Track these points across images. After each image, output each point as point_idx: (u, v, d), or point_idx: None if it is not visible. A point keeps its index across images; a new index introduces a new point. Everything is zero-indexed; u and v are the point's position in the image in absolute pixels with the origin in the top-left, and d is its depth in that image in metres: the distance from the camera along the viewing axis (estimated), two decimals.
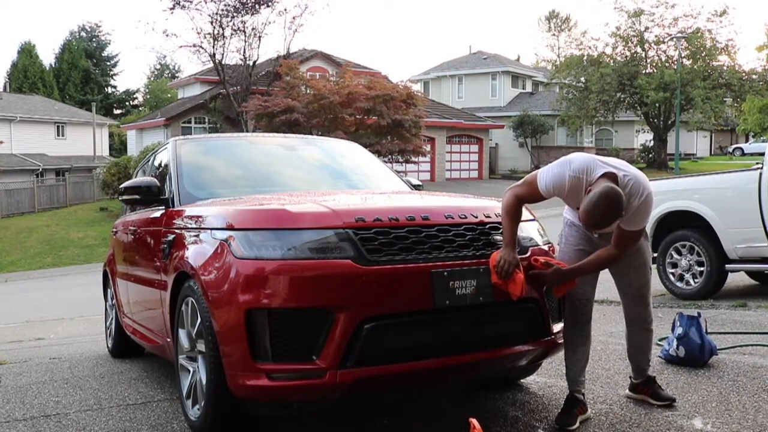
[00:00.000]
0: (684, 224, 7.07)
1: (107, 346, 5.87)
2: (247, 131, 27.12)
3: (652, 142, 35.88)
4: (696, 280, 7.01)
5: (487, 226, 3.22)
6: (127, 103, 63.35)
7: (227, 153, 4.64)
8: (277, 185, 4.18)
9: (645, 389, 3.53)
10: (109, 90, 61.41)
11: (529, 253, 3.27)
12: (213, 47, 29.30)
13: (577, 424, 3.20)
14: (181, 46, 40.66)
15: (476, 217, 3.21)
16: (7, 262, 21.55)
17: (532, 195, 3.20)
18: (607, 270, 3.40)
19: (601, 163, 3.11)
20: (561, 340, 3.41)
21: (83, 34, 61.48)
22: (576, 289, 3.30)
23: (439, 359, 2.95)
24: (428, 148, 31.90)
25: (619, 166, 3.15)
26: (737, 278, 8.06)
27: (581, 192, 3.07)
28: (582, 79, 35.77)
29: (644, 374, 3.55)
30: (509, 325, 3.20)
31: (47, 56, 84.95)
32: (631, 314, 3.49)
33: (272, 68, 29.68)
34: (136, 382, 4.51)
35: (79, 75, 56.21)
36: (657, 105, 33.46)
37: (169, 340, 3.69)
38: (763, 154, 6.65)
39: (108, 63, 62.03)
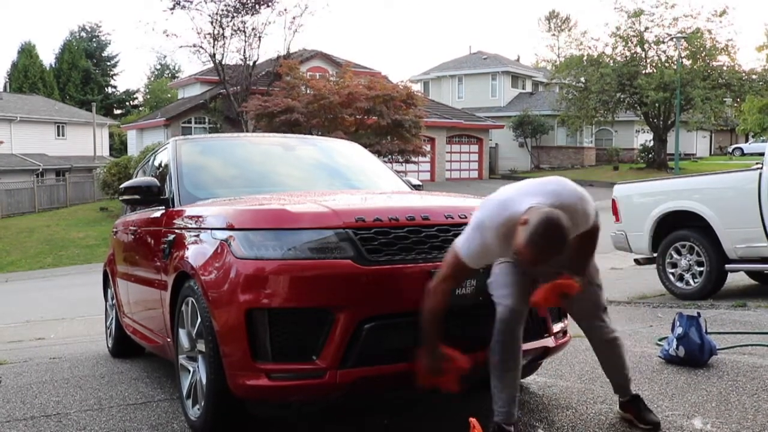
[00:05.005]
0: (684, 224, 7.07)
1: (107, 346, 5.87)
2: (247, 131, 27.11)
3: (652, 142, 35.84)
4: (696, 280, 7.01)
5: None
6: (127, 103, 63.37)
7: (227, 153, 4.64)
8: (277, 185, 4.19)
9: (630, 408, 3.17)
10: (109, 90, 61.44)
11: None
12: (213, 47, 29.33)
13: None
14: (181, 46, 40.84)
15: None
16: (7, 262, 21.53)
17: (461, 272, 2.79)
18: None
19: (522, 196, 2.72)
20: (561, 340, 3.41)
21: (83, 34, 61.52)
22: (505, 300, 2.86)
23: None
24: (428, 148, 31.91)
25: (541, 192, 2.72)
26: (737, 278, 8.07)
27: (513, 234, 2.62)
28: (582, 79, 35.72)
29: (627, 391, 3.19)
30: None
31: (47, 56, 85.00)
32: (590, 324, 3.11)
33: (272, 68, 29.68)
34: (136, 382, 4.51)
35: (79, 75, 56.20)
36: (657, 105, 33.42)
37: (169, 340, 3.69)
38: (762, 154, 6.66)
39: (108, 63, 62.06)
